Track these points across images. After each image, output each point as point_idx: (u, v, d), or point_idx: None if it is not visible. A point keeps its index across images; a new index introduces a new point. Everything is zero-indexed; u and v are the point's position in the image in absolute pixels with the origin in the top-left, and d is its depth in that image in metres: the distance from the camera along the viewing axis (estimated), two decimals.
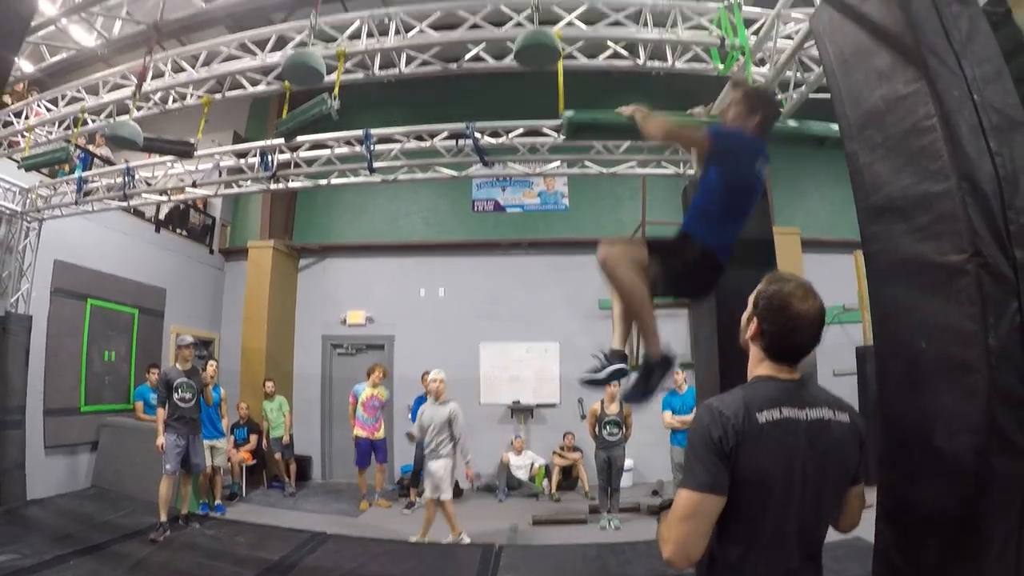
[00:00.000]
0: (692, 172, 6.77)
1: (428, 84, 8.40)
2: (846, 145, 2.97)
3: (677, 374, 8.40)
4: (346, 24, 5.48)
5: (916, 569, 2.22)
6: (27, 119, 6.92)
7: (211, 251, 12.30)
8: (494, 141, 7.13)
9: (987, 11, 3.10)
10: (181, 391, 7.08)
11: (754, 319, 1.96)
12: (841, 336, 9.74)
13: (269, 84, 5.97)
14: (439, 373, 7.29)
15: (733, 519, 1.74)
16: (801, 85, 5.17)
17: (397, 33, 5.37)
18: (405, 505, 9.17)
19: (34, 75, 5.96)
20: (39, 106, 6.89)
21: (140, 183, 8.15)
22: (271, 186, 7.83)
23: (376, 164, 7.20)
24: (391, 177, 7.65)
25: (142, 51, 5.23)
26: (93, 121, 6.56)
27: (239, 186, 8.34)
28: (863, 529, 2.10)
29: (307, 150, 7.59)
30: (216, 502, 8.51)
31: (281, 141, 7.09)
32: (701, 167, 3.23)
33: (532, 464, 10.47)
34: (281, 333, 11.72)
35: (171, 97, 6.26)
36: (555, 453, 10.27)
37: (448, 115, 7.74)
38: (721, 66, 5.25)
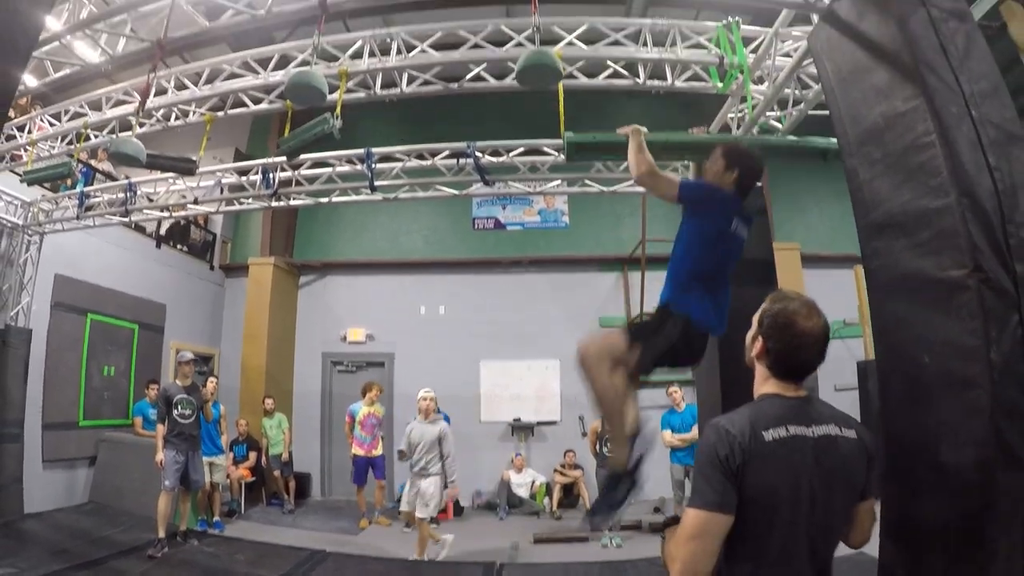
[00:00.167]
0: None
1: (429, 103, 8.47)
2: (845, 162, 2.99)
3: (675, 391, 8.38)
4: (348, 44, 5.54)
5: None
6: (30, 133, 6.97)
7: (212, 267, 12.30)
8: (495, 160, 7.17)
9: (982, 25, 3.14)
10: (181, 407, 7.06)
11: (759, 338, 1.95)
12: (842, 350, 9.72)
13: (271, 102, 6.04)
14: (428, 391, 7.25)
15: (741, 537, 1.73)
16: (800, 102, 5.22)
17: (399, 53, 5.43)
18: (405, 523, 9.11)
19: (38, 90, 6.02)
20: (42, 120, 6.95)
21: (142, 199, 8.19)
22: (272, 203, 7.87)
23: (377, 182, 7.25)
24: (392, 195, 7.69)
25: (145, 68, 5.26)
26: (96, 136, 6.61)
27: (240, 203, 8.38)
28: (867, 545, 2.09)
29: (309, 168, 7.64)
30: (215, 519, 8.44)
31: (283, 159, 7.13)
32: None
33: (533, 482, 10.41)
34: (281, 350, 11.70)
35: (174, 114, 6.32)
36: (556, 471, 10.21)
37: (449, 134, 7.77)
38: (720, 84, 5.30)
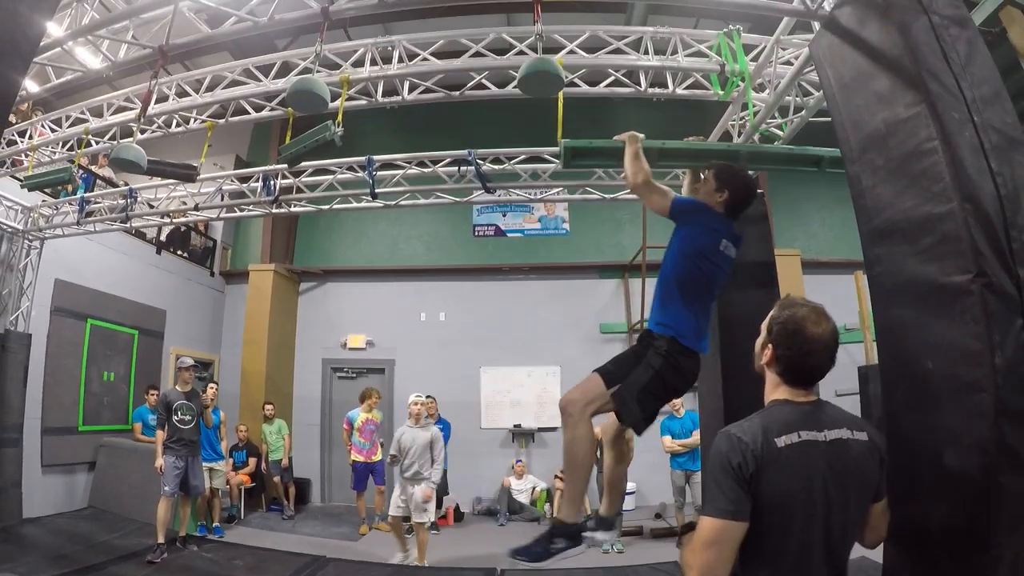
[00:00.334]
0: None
1: (431, 111, 8.49)
2: (848, 168, 2.99)
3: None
4: (350, 52, 5.56)
5: None
6: (31, 139, 6.97)
7: (212, 273, 12.30)
8: (496, 167, 7.18)
9: (982, 31, 3.15)
10: (181, 413, 7.05)
11: (769, 345, 1.97)
12: (843, 355, 9.50)
13: (272, 110, 6.05)
14: (419, 396, 7.30)
15: (757, 543, 1.74)
16: (801, 110, 5.23)
17: (400, 61, 5.44)
18: (406, 529, 9.08)
19: (39, 95, 6.00)
20: (43, 126, 6.95)
21: (142, 205, 8.19)
22: (273, 210, 7.87)
23: (378, 190, 7.25)
24: (393, 203, 7.70)
25: (147, 75, 5.26)
26: (96, 143, 6.61)
27: (241, 210, 8.39)
28: (871, 550, 2.09)
29: (310, 175, 7.65)
30: (214, 524, 8.42)
31: (284, 166, 7.14)
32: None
33: (533, 488, 10.40)
34: (281, 356, 11.69)
35: (175, 121, 6.33)
36: (557, 477, 10.18)
37: (450, 142, 7.79)
38: (721, 92, 5.31)
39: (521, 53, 5.28)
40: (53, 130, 6.83)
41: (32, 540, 7.01)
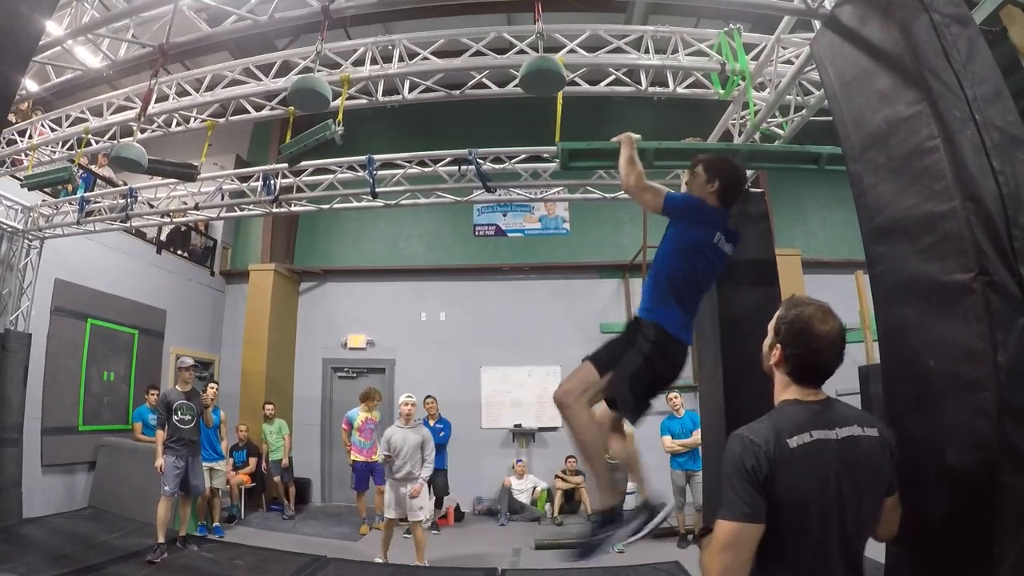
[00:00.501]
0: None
1: (431, 110, 8.48)
2: (849, 167, 2.99)
3: (675, 397, 8.37)
4: (350, 51, 5.55)
5: None
6: (31, 138, 6.96)
7: (212, 273, 12.29)
8: (496, 167, 7.17)
9: (983, 30, 3.14)
10: (181, 413, 7.05)
11: (777, 346, 1.97)
12: None
13: (273, 109, 6.04)
14: (411, 397, 7.29)
15: (774, 544, 1.75)
16: (801, 109, 5.22)
17: (400, 60, 5.43)
18: (405, 530, 9.06)
19: (39, 95, 6.00)
20: (43, 126, 6.94)
21: (142, 204, 8.18)
22: (273, 209, 7.86)
23: (379, 189, 7.24)
24: (393, 202, 7.69)
25: (147, 74, 5.26)
26: (96, 142, 6.61)
27: (241, 209, 8.38)
28: (873, 549, 2.08)
29: (310, 175, 7.64)
30: (214, 524, 8.41)
31: (284, 165, 7.13)
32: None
33: (534, 488, 10.40)
34: (281, 356, 11.68)
35: (175, 120, 6.32)
36: (557, 477, 10.19)
37: (451, 141, 7.78)
38: (722, 91, 5.31)
39: (521, 52, 5.27)
40: (53, 129, 6.82)
41: (32, 540, 7.00)
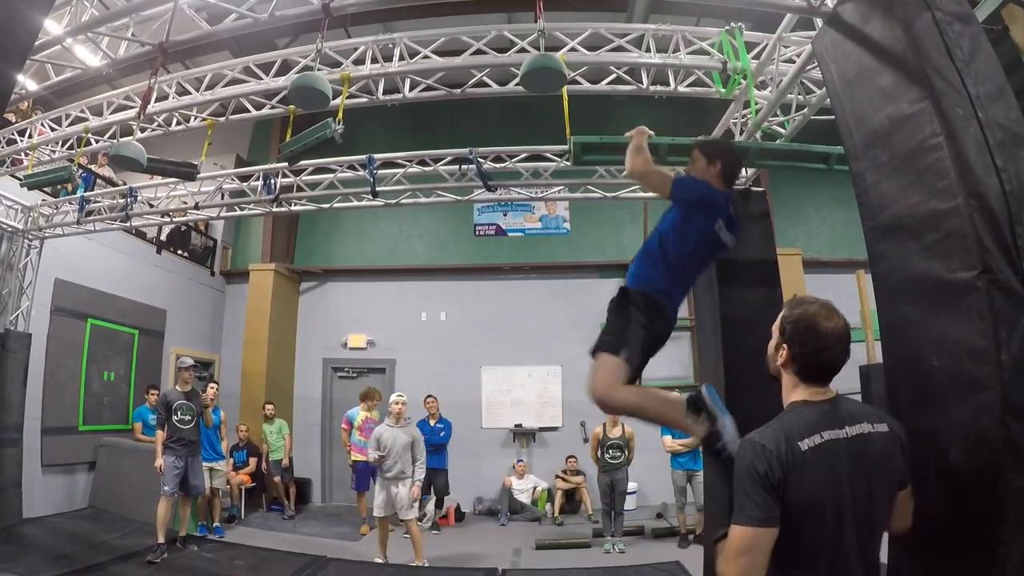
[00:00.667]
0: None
1: (432, 109, 8.47)
2: (851, 165, 2.97)
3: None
4: (350, 49, 5.54)
5: None
6: (30, 138, 6.94)
7: (212, 273, 12.28)
8: (497, 166, 7.16)
9: (985, 28, 3.13)
10: (180, 413, 7.04)
11: (783, 346, 1.97)
12: None
13: (273, 108, 6.01)
14: (401, 396, 7.29)
15: (790, 546, 1.75)
16: (803, 107, 5.21)
17: (401, 59, 5.41)
18: (404, 531, 9.06)
19: (39, 94, 5.98)
20: (43, 125, 6.92)
21: (142, 204, 8.17)
22: (273, 209, 7.85)
23: (379, 188, 7.23)
24: (394, 201, 7.67)
25: (147, 73, 5.25)
26: (96, 141, 6.60)
27: (241, 208, 8.37)
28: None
29: (310, 174, 7.62)
30: (215, 524, 8.41)
31: (284, 164, 7.11)
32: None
33: (535, 488, 10.39)
34: (282, 356, 11.68)
35: (175, 119, 6.30)
36: (558, 476, 10.18)
37: (451, 140, 7.76)
38: (723, 90, 5.30)
39: (522, 51, 5.24)
40: (53, 129, 6.80)
41: (32, 540, 6.99)
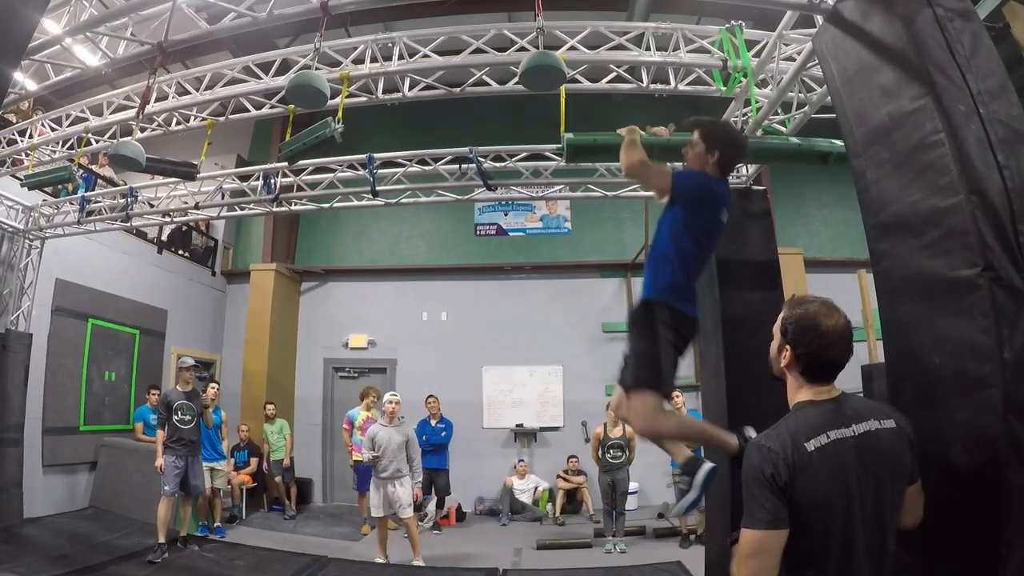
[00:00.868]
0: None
1: (431, 108, 8.44)
2: (852, 163, 2.96)
3: (677, 396, 8.33)
4: (350, 49, 5.53)
5: None
6: (31, 138, 6.94)
7: (213, 273, 12.28)
8: (497, 165, 7.15)
9: (986, 25, 3.11)
10: (181, 413, 7.04)
11: (786, 347, 1.96)
12: None
13: (273, 107, 6.00)
14: (395, 395, 7.32)
15: (801, 546, 1.75)
16: (804, 105, 5.20)
17: (401, 58, 5.40)
18: (405, 533, 9.05)
19: (38, 93, 5.97)
20: (43, 125, 6.92)
21: (143, 204, 8.17)
22: (274, 208, 7.84)
23: (379, 188, 7.22)
24: (394, 200, 7.66)
25: (147, 73, 5.24)
26: (97, 141, 6.59)
27: (242, 208, 8.36)
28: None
29: (310, 174, 7.61)
30: (216, 524, 8.40)
31: (284, 164, 7.10)
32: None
33: (536, 488, 10.37)
34: (283, 356, 11.67)
35: (175, 119, 6.29)
36: (559, 476, 10.17)
37: (451, 139, 7.74)
38: (724, 88, 5.29)
39: (522, 49, 5.23)
40: (53, 129, 6.80)
41: (33, 540, 7.00)
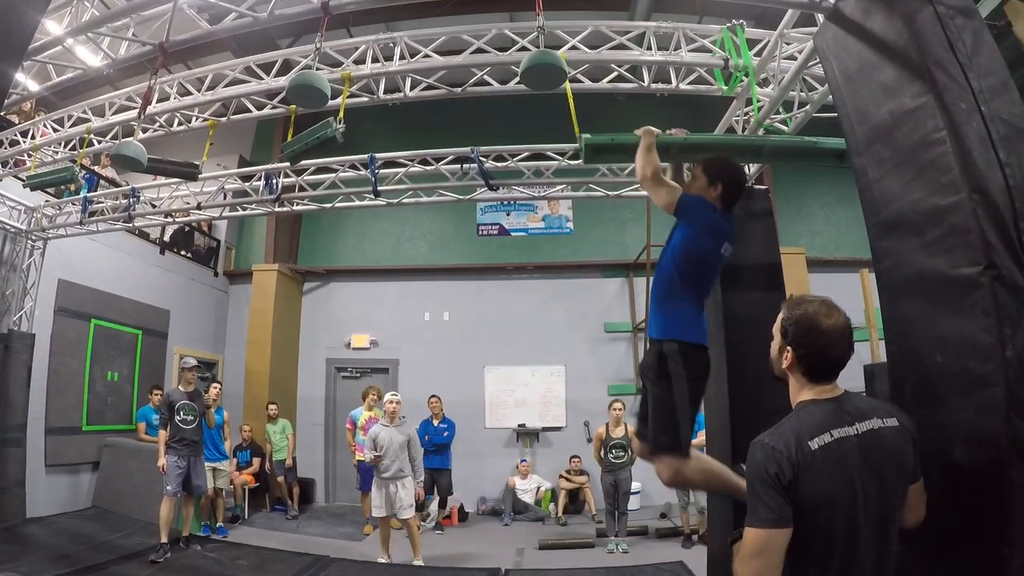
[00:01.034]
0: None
1: (433, 108, 8.44)
2: (854, 161, 2.95)
3: None
4: (351, 49, 5.52)
5: None
6: (33, 139, 6.96)
7: (215, 273, 12.30)
8: (499, 165, 7.14)
9: (987, 23, 3.10)
10: (183, 413, 7.05)
11: (787, 348, 1.96)
12: None
13: (274, 108, 6.00)
14: (396, 395, 7.32)
15: (804, 545, 1.75)
16: (805, 104, 5.18)
17: (402, 58, 5.40)
18: (407, 534, 9.05)
19: (40, 94, 5.98)
20: (45, 126, 6.94)
21: (145, 204, 8.18)
22: (276, 209, 7.85)
23: (381, 188, 7.21)
24: (396, 201, 7.66)
25: (148, 74, 5.25)
26: (99, 142, 6.60)
27: (244, 209, 8.36)
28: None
29: (312, 174, 7.61)
30: (218, 524, 8.42)
31: (286, 164, 7.10)
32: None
33: (538, 488, 10.37)
34: (285, 356, 11.69)
35: (177, 120, 6.30)
36: (561, 476, 10.18)
37: (453, 139, 7.74)
38: (725, 87, 5.27)
39: (523, 49, 5.23)
40: (55, 130, 6.82)
41: (35, 540, 7.01)
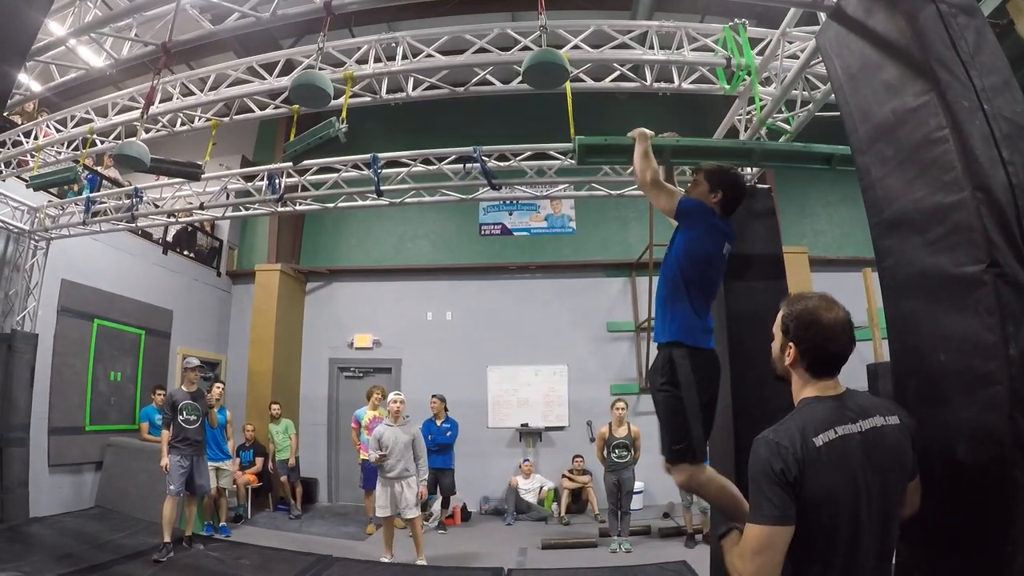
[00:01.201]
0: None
1: (435, 108, 8.43)
2: (857, 160, 2.95)
3: None
4: (354, 49, 5.53)
5: None
6: (36, 139, 6.98)
7: (218, 273, 12.32)
8: (501, 164, 7.14)
9: (990, 22, 3.10)
10: (186, 413, 7.05)
11: (789, 345, 1.96)
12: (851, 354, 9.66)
13: (277, 108, 6.01)
14: (399, 395, 7.33)
15: (807, 542, 1.75)
16: (808, 103, 5.18)
17: (404, 58, 5.41)
18: (410, 533, 9.05)
19: (43, 95, 6.00)
20: (48, 126, 6.96)
21: (148, 204, 8.19)
22: (278, 209, 7.85)
23: (383, 187, 7.21)
24: (398, 200, 7.66)
25: (151, 74, 5.26)
26: (102, 142, 6.61)
27: (246, 209, 8.37)
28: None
29: (314, 173, 7.62)
30: (221, 524, 8.43)
31: (289, 164, 7.10)
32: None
33: (541, 487, 10.38)
34: (288, 356, 11.69)
35: (179, 120, 6.31)
36: (564, 476, 10.17)
37: (455, 138, 7.74)
38: (728, 86, 5.27)
39: (526, 49, 5.23)
40: (58, 130, 6.83)
41: (39, 539, 7.02)
